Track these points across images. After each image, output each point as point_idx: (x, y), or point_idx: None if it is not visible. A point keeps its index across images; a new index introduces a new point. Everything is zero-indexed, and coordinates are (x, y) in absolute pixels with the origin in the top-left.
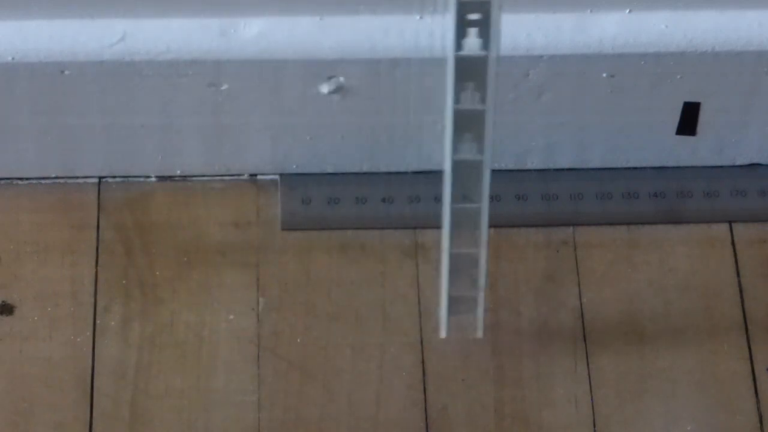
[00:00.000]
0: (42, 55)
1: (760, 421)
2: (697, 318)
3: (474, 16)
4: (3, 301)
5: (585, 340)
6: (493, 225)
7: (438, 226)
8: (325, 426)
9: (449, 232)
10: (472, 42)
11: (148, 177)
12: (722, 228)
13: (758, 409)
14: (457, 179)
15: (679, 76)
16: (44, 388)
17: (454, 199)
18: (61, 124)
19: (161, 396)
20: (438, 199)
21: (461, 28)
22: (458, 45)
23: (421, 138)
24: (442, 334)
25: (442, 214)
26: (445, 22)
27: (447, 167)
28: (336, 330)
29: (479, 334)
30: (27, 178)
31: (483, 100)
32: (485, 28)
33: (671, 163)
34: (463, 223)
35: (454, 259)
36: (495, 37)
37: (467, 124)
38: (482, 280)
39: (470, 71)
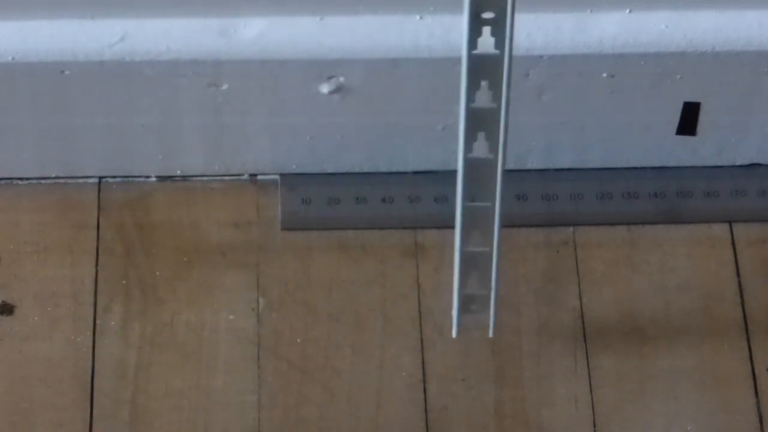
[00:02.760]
0: (42, 55)
1: (760, 421)
2: (697, 318)
3: (488, 15)
4: (3, 301)
5: (585, 340)
6: None
7: (438, 226)
8: (325, 426)
9: (461, 231)
10: (486, 40)
11: (148, 177)
12: (722, 228)
13: (758, 409)
14: (469, 178)
15: (679, 76)
16: (44, 388)
17: (466, 197)
18: (61, 124)
19: (161, 396)
20: (438, 199)
21: (475, 26)
22: (472, 43)
23: (421, 138)
24: (454, 334)
25: (455, 213)
26: (460, 21)
27: (460, 165)
28: (336, 330)
29: (491, 333)
30: (27, 178)
31: (497, 98)
32: (499, 27)
33: (671, 163)
34: (474, 222)
35: (466, 257)
36: (510, 35)
37: (480, 122)
38: (494, 280)
39: (484, 70)
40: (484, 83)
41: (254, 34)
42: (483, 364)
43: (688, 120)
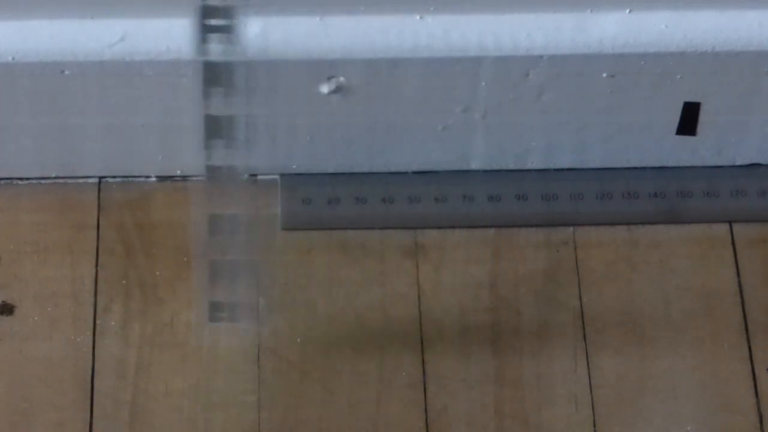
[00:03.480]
0: (42, 55)
1: (760, 421)
2: (697, 318)
3: (218, 22)
4: (3, 301)
5: (585, 340)
6: (493, 225)
7: (438, 226)
8: (325, 426)
9: (205, 239)
10: (218, 47)
11: (148, 177)
12: (722, 228)
13: (758, 409)
14: (212, 184)
15: (679, 76)
16: (44, 388)
17: (213, 204)
18: (61, 124)
19: (161, 396)
20: (438, 199)
21: (205, 32)
22: (204, 49)
23: (421, 138)
24: (202, 342)
25: (193, 223)
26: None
27: (203, 174)
28: (336, 330)
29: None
30: (27, 178)
31: (234, 105)
32: (230, 34)
33: (671, 163)
34: (220, 229)
35: (216, 265)
36: (238, 41)
37: (220, 129)
38: (256, 286)
39: (219, 76)
40: (219, 90)
41: (254, 34)
42: (483, 364)
43: (688, 120)
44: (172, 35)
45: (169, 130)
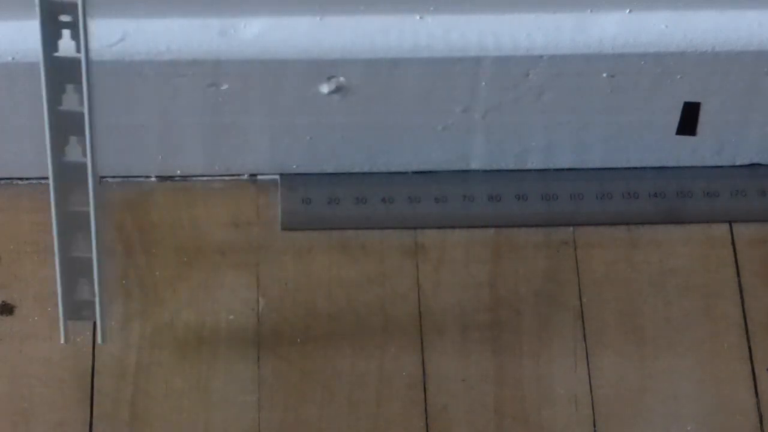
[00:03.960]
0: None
1: (760, 421)
2: (697, 318)
3: (65, 18)
4: (3, 301)
5: (585, 340)
6: (493, 225)
7: (438, 226)
8: (325, 426)
9: (59, 237)
10: (68, 43)
11: (148, 177)
12: (722, 228)
13: (758, 409)
14: (63, 183)
15: (679, 76)
16: (44, 388)
17: (61, 202)
18: None
19: (161, 396)
20: (438, 199)
21: (53, 29)
22: (51, 46)
23: (421, 138)
24: (62, 340)
25: (51, 220)
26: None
27: (50, 171)
28: (336, 330)
29: (100, 340)
30: (27, 178)
31: (82, 101)
32: (77, 30)
33: (671, 163)
34: (77, 227)
35: (71, 263)
36: (84, 38)
37: (70, 126)
38: (97, 284)
39: (69, 73)
40: (70, 87)
41: (254, 34)
42: (483, 364)
43: (688, 120)
44: (172, 35)
45: (169, 130)
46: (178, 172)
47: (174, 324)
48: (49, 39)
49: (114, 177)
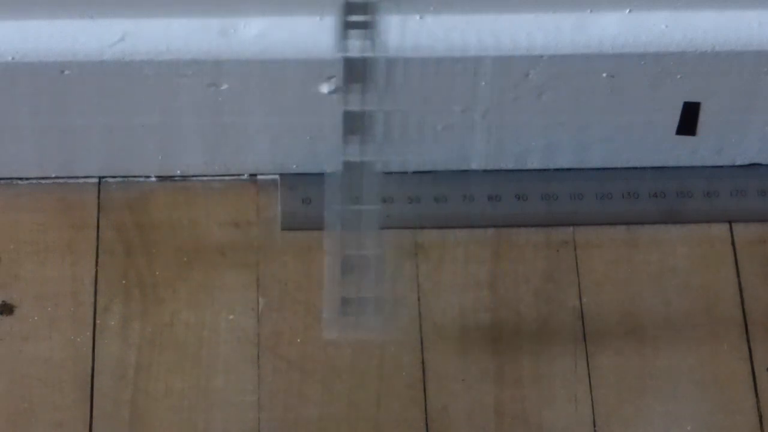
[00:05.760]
0: (42, 55)
1: (760, 421)
2: (697, 318)
3: (359, 18)
4: (3, 301)
5: (585, 340)
6: (493, 225)
7: (438, 226)
8: (325, 426)
9: (339, 234)
10: (357, 43)
11: (148, 177)
12: (722, 228)
13: (758, 409)
14: (350, 181)
15: (679, 76)
16: (44, 388)
17: (349, 200)
18: (61, 124)
19: (161, 396)
20: (438, 199)
21: (345, 29)
22: (343, 46)
23: (421, 138)
24: (329, 335)
25: (325, 217)
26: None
27: (337, 168)
28: None
29: (385, 334)
30: (27, 178)
31: (371, 100)
32: (371, 30)
33: (671, 163)
34: (357, 225)
35: (347, 260)
36: (380, 38)
37: (356, 125)
38: (381, 282)
39: (358, 73)
40: (357, 87)
41: (254, 34)
42: (483, 364)
43: (688, 120)
44: (172, 35)
45: (169, 130)
46: (178, 172)
47: (174, 324)
48: (343, 38)
49: (114, 177)
